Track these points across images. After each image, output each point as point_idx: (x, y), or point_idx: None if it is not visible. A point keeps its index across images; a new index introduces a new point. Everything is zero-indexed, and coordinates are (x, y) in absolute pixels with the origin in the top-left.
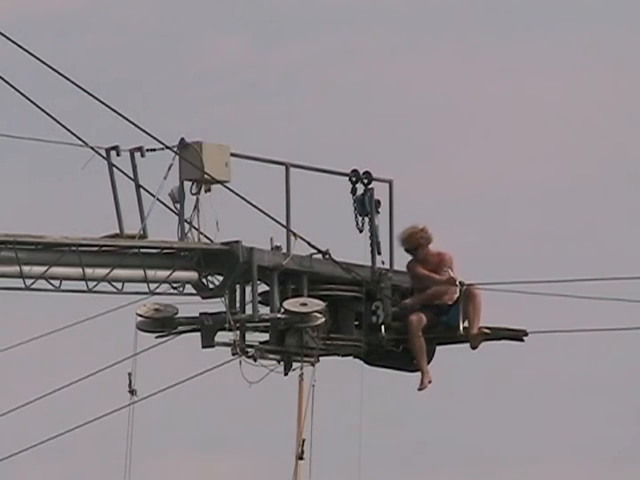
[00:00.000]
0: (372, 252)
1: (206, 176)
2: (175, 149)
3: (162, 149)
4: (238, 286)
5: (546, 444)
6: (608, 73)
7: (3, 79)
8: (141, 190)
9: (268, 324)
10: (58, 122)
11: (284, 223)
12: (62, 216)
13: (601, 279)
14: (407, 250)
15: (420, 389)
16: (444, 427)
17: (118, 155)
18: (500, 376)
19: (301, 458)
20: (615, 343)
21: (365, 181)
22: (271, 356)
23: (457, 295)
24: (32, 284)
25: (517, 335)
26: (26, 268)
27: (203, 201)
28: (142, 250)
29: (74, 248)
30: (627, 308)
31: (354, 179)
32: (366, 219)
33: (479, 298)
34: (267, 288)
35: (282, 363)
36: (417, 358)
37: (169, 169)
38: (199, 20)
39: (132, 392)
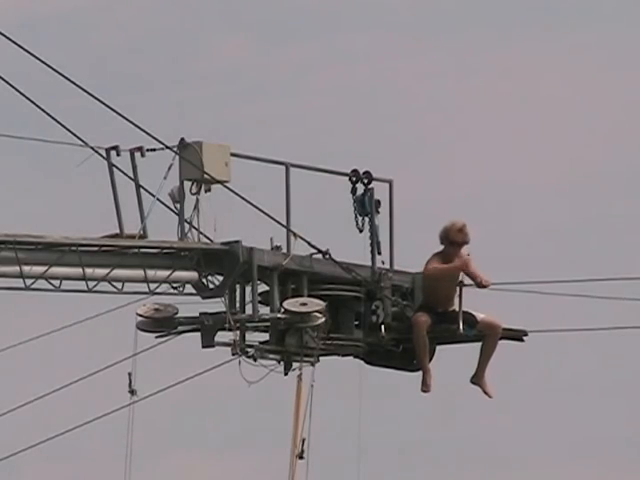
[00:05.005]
0: (372, 252)
1: (206, 176)
2: (175, 149)
3: (162, 149)
4: (238, 286)
5: (546, 444)
6: (610, 73)
7: (3, 79)
8: (141, 190)
9: (268, 324)
10: (58, 122)
11: (284, 223)
12: (62, 216)
13: (602, 279)
14: (454, 242)
15: (424, 390)
16: (444, 427)
17: (118, 155)
18: (500, 376)
19: (301, 457)
20: (615, 343)
21: (365, 181)
22: (271, 356)
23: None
24: (32, 284)
25: (517, 335)
26: (26, 268)
27: (203, 201)
28: (142, 250)
29: (74, 248)
30: (627, 308)
31: (354, 179)
32: (366, 219)
33: (499, 330)
34: (267, 288)
35: (282, 363)
36: (420, 357)
37: (169, 169)
38: (199, 20)
39: (132, 392)
